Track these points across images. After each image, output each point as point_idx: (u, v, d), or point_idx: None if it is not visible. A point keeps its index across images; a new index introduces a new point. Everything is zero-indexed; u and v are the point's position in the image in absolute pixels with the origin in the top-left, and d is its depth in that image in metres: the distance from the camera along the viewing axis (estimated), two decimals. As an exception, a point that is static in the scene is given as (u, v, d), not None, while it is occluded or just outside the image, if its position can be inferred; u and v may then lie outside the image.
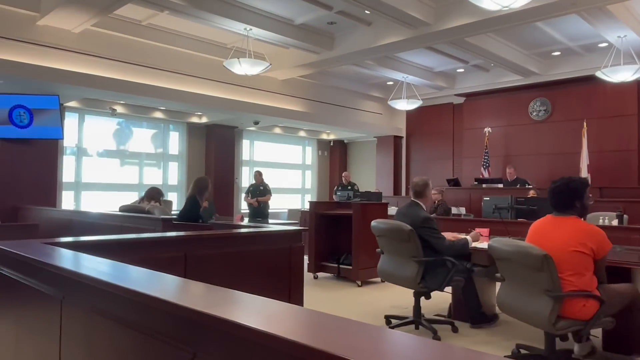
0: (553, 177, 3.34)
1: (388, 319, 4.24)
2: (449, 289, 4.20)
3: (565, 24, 7.39)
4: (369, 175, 12.78)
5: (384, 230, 4.08)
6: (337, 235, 6.58)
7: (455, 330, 4.09)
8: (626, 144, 8.69)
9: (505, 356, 3.35)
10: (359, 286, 6.01)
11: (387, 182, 11.95)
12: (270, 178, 11.80)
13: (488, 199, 6.88)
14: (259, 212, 8.40)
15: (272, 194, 8.89)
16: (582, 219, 3.17)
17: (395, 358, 1.03)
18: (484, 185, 8.31)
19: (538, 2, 5.37)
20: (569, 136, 9.09)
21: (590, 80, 8.03)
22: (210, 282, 1.64)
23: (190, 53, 8.39)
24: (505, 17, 5.96)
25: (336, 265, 6.38)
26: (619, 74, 7.31)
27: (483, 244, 4.16)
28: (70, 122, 8.54)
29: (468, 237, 4.11)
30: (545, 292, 2.90)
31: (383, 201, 6.84)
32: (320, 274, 6.60)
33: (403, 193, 11.72)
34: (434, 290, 3.97)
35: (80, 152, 8.83)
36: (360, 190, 7.26)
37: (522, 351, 3.45)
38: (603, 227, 5.77)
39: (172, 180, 10.03)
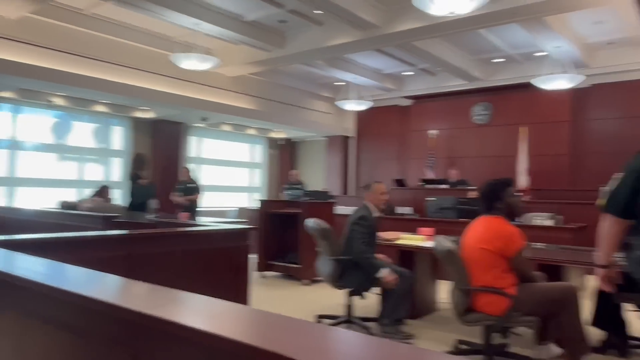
0: (492, 178, 3.48)
1: (320, 318, 4.27)
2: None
3: (507, 32, 7.72)
4: (318, 174, 12.85)
5: (310, 229, 4.17)
6: (285, 234, 6.58)
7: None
8: (559, 148, 9.18)
9: (445, 351, 3.47)
10: (306, 285, 6.03)
11: (336, 182, 12.06)
12: (219, 176, 11.68)
13: (433, 199, 7.09)
14: (187, 211, 7.78)
15: (219, 192, 8.69)
16: (513, 218, 3.30)
17: (341, 356, 1.04)
18: (429, 186, 8.54)
19: (481, 10, 5.57)
20: (509, 140, 9.49)
21: (529, 87, 8.43)
22: (154, 282, 1.60)
23: (135, 45, 8.13)
24: (451, 23, 6.15)
25: (284, 264, 6.38)
26: (554, 82, 7.72)
27: (428, 244, 4.29)
28: (4, 114, 8.07)
29: (383, 265, 3.95)
30: (455, 285, 3.17)
31: (331, 200, 6.91)
32: (268, 273, 6.58)
33: (351, 192, 11.87)
34: (355, 289, 4.01)
35: (14, 145, 8.36)
36: (308, 189, 7.26)
37: (463, 346, 3.58)
38: (538, 228, 6.11)
39: (115, 176, 9.68)
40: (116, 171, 9.74)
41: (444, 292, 4.57)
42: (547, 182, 8.93)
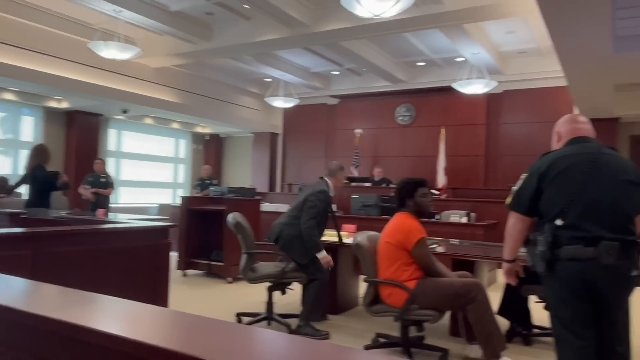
0: (409, 177, 3.66)
1: (239, 316, 4.23)
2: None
3: (430, 37, 8.05)
4: (244, 171, 12.71)
5: (229, 224, 4.15)
6: (209, 231, 6.44)
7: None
8: (476, 150, 9.72)
9: (365, 345, 3.56)
10: (230, 283, 5.95)
11: (263, 179, 11.99)
12: (140, 171, 11.20)
13: (356, 196, 7.25)
14: (97, 207, 6.80)
15: (139, 188, 8.33)
16: (422, 216, 3.48)
17: (263, 357, 1.03)
18: (353, 184, 8.72)
19: (405, 14, 5.76)
20: (430, 140, 9.91)
21: (449, 90, 8.84)
22: (64, 283, 1.50)
23: (49, 30, 7.59)
24: (377, 25, 6.31)
25: (207, 262, 6.25)
26: (471, 87, 8.15)
27: (350, 240, 4.37)
28: None
29: (323, 252, 4.00)
30: (365, 278, 3.41)
31: (257, 197, 6.86)
32: (190, 272, 6.42)
33: (278, 189, 11.85)
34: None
35: None
36: (217, 185, 7.11)
37: (381, 339, 3.70)
38: (454, 224, 6.41)
39: (23, 170, 8.99)
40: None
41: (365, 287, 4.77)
42: (463, 182, 9.41)
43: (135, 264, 3.28)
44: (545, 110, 8.96)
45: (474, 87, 8.15)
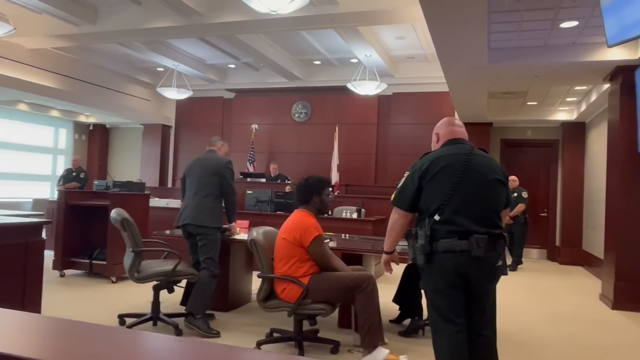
0: (310, 174, 3.73)
1: (122, 318, 3.99)
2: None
3: (326, 37, 8.22)
4: (133, 164, 12.05)
5: (113, 220, 3.94)
6: (91, 228, 6.02)
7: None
8: (367, 148, 10.13)
9: (258, 341, 3.56)
10: (113, 282, 5.62)
11: (153, 173, 11.45)
12: (13, 162, 10.13)
13: (251, 192, 7.20)
14: None
15: (12, 180, 7.57)
16: (322, 214, 3.60)
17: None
18: (248, 179, 8.65)
19: (302, 12, 5.83)
20: (325, 138, 10.14)
21: (343, 90, 9.10)
22: None
23: None
24: (273, 21, 6.30)
25: (88, 261, 5.84)
26: (364, 88, 8.47)
27: (242, 236, 4.34)
28: None
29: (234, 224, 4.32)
30: (259, 274, 3.44)
31: (147, 192, 6.53)
32: (68, 272, 5.96)
33: (169, 184, 11.40)
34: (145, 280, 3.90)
35: None
36: (116, 180, 6.71)
37: (276, 334, 3.72)
38: (345, 220, 6.63)
39: None
40: None
41: (259, 282, 4.79)
42: (355, 179, 9.77)
43: (0, 264, 2.96)
44: (430, 113, 9.58)
45: (367, 88, 8.48)
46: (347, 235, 5.23)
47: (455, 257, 2.34)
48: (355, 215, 6.73)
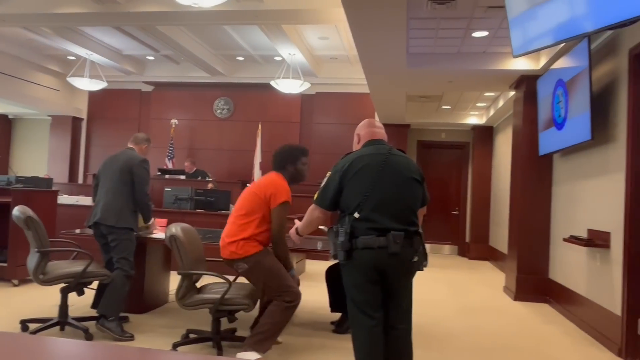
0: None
1: (24, 323, 3.69)
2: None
3: (249, 33, 8.13)
4: (39, 158, 11.22)
5: (16, 219, 3.62)
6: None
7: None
8: (290, 146, 10.15)
9: (174, 342, 3.46)
10: (15, 286, 5.21)
11: (62, 168, 10.73)
12: None
13: (169, 189, 6.97)
14: None
15: None
16: (295, 183, 3.47)
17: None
18: (167, 176, 8.37)
19: (225, 7, 5.73)
20: (248, 135, 10.05)
21: (267, 87, 9.06)
22: None
23: None
24: (195, 14, 6.14)
25: (-14, 262, 5.36)
26: (288, 86, 8.49)
27: (160, 235, 4.20)
28: None
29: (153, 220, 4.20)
30: (180, 271, 3.31)
31: (54, 189, 6.11)
32: (-38, 275, 5.43)
33: (80, 180, 10.75)
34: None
35: None
36: (19, 175, 6.21)
37: (192, 335, 3.63)
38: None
39: None
40: None
41: (176, 282, 4.68)
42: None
43: None
44: (351, 114, 9.79)
45: (290, 87, 8.51)
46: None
47: (374, 253, 2.42)
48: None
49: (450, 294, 6.13)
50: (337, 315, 4.21)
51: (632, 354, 3.70)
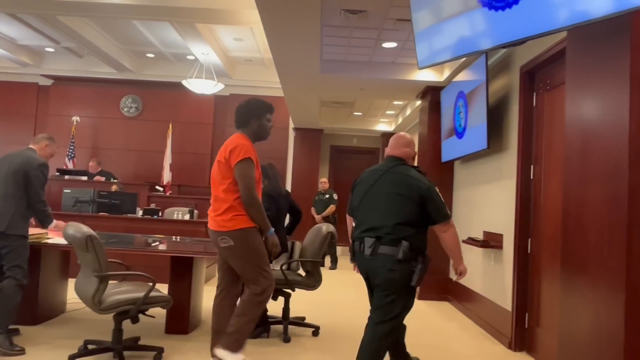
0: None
1: None
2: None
3: (160, 29, 7.84)
4: None
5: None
6: None
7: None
8: (202, 148, 9.92)
9: (70, 355, 3.24)
10: None
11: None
12: None
13: (69, 191, 6.52)
14: None
15: None
16: (258, 139, 3.28)
17: None
18: (66, 177, 7.83)
19: (134, 0, 5.49)
20: (157, 135, 9.66)
21: (178, 86, 8.79)
22: None
23: None
24: (101, 6, 5.81)
25: None
26: (201, 86, 8.30)
27: (57, 240, 3.92)
28: None
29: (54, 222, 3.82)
30: (92, 273, 3.06)
31: None
32: None
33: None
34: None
35: None
36: None
37: (91, 346, 3.42)
38: (177, 222, 6.42)
39: None
40: None
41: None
42: (189, 179, 9.51)
43: None
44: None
45: (203, 87, 8.32)
46: (179, 237, 5.06)
47: (360, 256, 2.84)
48: (187, 217, 6.54)
49: (358, 294, 6.30)
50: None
51: (520, 346, 4.04)
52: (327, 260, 8.38)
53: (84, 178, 7.90)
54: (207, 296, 4.82)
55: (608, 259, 2.20)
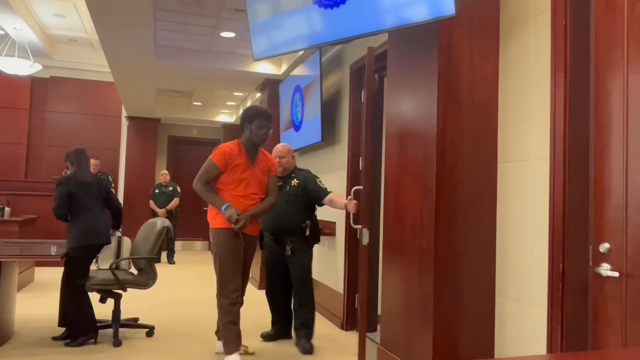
0: None
1: None
2: None
3: (-43, -4, 6.65)
4: None
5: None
6: None
7: None
8: (17, 137, 8.72)
9: None
10: None
11: None
12: None
13: None
14: None
15: None
16: (256, 145, 3.36)
17: None
18: None
19: None
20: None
21: (-17, 65, 7.56)
22: None
23: None
24: None
25: None
26: (14, 66, 7.25)
27: None
28: None
29: None
30: None
31: None
32: None
33: None
34: None
35: None
36: None
37: None
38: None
39: None
40: None
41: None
42: (1, 171, 8.29)
43: None
44: (94, 103, 8.97)
45: (17, 67, 7.27)
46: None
47: None
48: (-4, 215, 5.70)
49: (197, 288, 6.17)
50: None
51: (351, 326, 4.34)
52: (164, 255, 8.06)
53: None
54: (21, 305, 4.28)
55: (420, 241, 2.47)
